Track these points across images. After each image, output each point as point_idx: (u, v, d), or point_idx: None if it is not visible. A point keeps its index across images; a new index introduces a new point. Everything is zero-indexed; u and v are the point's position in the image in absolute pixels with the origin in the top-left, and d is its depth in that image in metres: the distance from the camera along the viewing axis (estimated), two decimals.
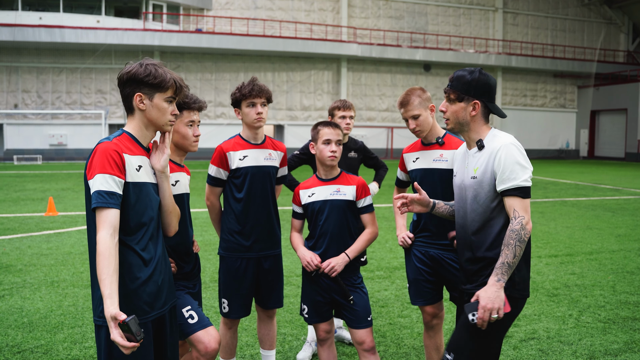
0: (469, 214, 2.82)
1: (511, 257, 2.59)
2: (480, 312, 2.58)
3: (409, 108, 3.53)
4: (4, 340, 4.76)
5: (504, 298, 2.59)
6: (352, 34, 37.87)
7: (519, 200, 2.64)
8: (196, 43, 33.20)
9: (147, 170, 2.56)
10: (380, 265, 7.55)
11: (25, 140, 33.06)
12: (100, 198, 2.32)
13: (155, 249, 2.57)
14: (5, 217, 11.31)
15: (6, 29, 30.42)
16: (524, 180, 2.65)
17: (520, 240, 2.59)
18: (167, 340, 2.68)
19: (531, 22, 42.57)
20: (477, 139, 2.82)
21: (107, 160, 2.37)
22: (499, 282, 2.59)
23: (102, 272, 2.23)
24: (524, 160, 2.68)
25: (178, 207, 3.11)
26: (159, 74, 2.50)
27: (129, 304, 2.45)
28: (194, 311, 3.08)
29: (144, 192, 2.52)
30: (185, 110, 3.13)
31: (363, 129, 38.14)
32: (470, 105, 2.79)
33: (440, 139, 3.58)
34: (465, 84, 2.77)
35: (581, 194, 16.77)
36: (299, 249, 3.56)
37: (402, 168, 3.84)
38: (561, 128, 43.30)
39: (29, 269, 7.15)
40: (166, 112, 2.55)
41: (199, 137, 3.20)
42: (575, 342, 4.78)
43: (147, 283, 2.50)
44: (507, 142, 2.71)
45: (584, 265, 7.59)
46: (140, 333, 2.15)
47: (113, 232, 2.31)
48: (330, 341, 3.61)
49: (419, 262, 3.65)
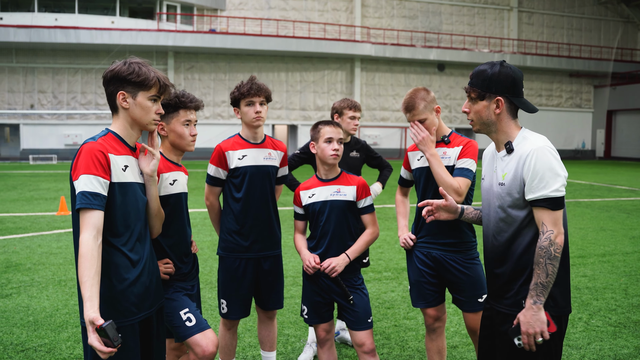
0: (497, 222, 2.58)
1: (544, 276, 2.37)
2: (524, 338, 2.44)
3: (414, 113, 3.45)
4: (9, 339, 4.77)
5: (546, 319, 2.41)
6: (366, 34, 37.78)
7: (548, 212, 2.39)
8: (210, 43, 33.32)
9: (133, 170, 2.53)
10: (389, 266, 7.48)
11: (41, 140, 33.40)
12: (84, 199, 2.29)
13: (142, 250, 2.54)
14: (17, 217, 11.40)
15: (23, 30, 30.76)
16: (555, 190, 2.38)
17: (551, 257, 2.36)
18: (154, 341, 2.66)
19: (546, 21, 42.17)
20: (505, 141, 2.55)
21: (91, 160, 2.34)
22: (536, 304, 2.39)
23: (83, 275, 2.20)
24: (558, 167, 2.41)
25: (177, 207, 3.09)
26: (142, 72, 2.47)
27: (116, 305, 2.43)
28: (191, 314, 3.05)
29: (130, 192, 2.49)
30: (181, 110, 3.11)
31: (376, 129, 38.03)
32: (493, 102, 2.53)
33: (447, 138, 3.52)
34: (485, 79, 2.52)
35: (596, 194, 16.55)
36: (301, 252, 3.53)
37: (406, 166, 3.78)
38: (577, 128, 42.84)
39: (38, 268, 7.18)
40: (150, 110, 2.53)
41: (196, 136, 3.18)
42: (584, 347, 4.68)
43: (134, 284, 2.48)
44: (539, 145, 2.44)
45: (595, 267, 7.47)
46: (117, 338, 2.12)
47: (96, 234, 2.28)
48: (330, 342, 3.56)
49: (421, 263, 3.60)
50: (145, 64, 2.52)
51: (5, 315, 5.37)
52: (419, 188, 3.65)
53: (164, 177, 3.06)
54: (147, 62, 2.54)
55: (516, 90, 2.54)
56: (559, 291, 2.50)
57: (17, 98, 33.76)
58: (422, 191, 3.60)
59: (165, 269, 3.04)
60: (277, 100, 36.48)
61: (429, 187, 3.55)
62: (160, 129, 3.13)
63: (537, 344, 2.43)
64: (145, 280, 2.53)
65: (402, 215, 3.85)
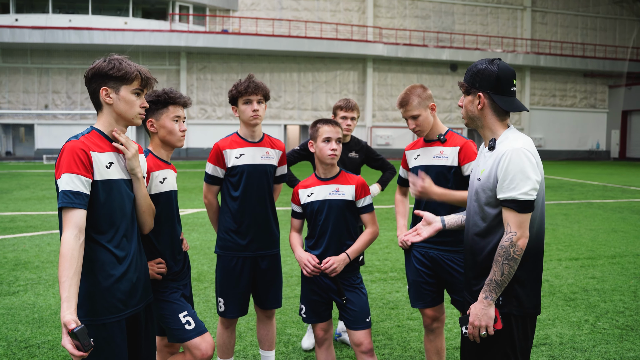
0: (473, 215, 2.63)
1: (499, 274, 2.41)
2: (469, 328, 2.52)
3: (408, 108, 3.49)
4: (13, 335, 4.80)
5: (494, 315, 2.47)
6: (378, 34, 37.71)
7: (514, 214, 2.40)
8: (222, 44, 33.47)
9: (118, 167, 2.53)
10: (395, 266, 7.44)
11: (55, 140, 33.72)
12: (65, 198, 2.30)
13: (129, 246, 2.54)
14: (28, 215, 11.51)
15: (37, 31, 31.09)
16: (523, 192, 2.39)
17: (509, 257, 2.39)
18: (142, 338, 2.66)
19: (560, 20, 41.84)
20: (490, 137, 2.59)
21: (73, 159, 2.35)
22: (487, 299, 2.46)
23: (62, 275, 2.20)
24: (530, 170, 2.40)
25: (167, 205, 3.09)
26: (123, 67, 2.48)
27: (102, 301, 2.43)
28: (190, 317, 3.07)
29: (115, 189, 2.49)
30: (171, 106, 3.11)
31: (389, 129, 37.96)
32: (476, 98, 2.57)
33: (442, 136, 3.53)
34: (472, 75, 2.56)
35: (609, 195, 16.37)
36: (296, 250, 3.51)
37: (404, 166, 3.78)
38: (591, 128, 42.46)
39: (46, 266, 7.23)
40: (134, 104, 2.53)
41: (185, 132, 3.18)
42: (589, 349, 4.62)
43: (120, 281, 2.48)
44: (516, 146, 2.44)
45: (605, 269, 7.37)
46: (88, 344, 2.12)
47: (78, 233, 2.28)
48: (328, 342, 3.54)
49: (419, 263, 3.57)
50: (124, 59, 2.52)
51: (11, 312, 5.41)
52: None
53: (154, 176, 3.06)
54: (127, 57, 2.55)
55: (499, 87, 2.55)
56: (524, 292, 2.52)
57: (32, 98, 34.12)
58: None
59: (158, 269, 3.04)
60: (289, 100, 36.53)
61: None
62: (150, 126, 3.13)
63: (482, 337, 2.51)
64: (132, 277, 2.54)
65: (401, 215, 3.84)
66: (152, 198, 2.94)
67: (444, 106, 39.27)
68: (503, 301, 2.51)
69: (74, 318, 2.14)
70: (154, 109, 3.09)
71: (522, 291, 2.52)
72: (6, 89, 33.92)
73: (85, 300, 2.42)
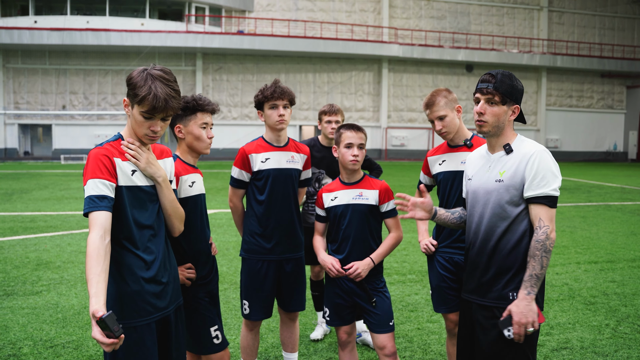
0: (490, 218, 2.71)
1: (539, 268, 2.53)
2: (515, 328, 2.55)
3: (434, 109, 3.47)
4: (38, 335, 4.89)
5: (537, 310, 2.55)
6: (394, 35, 37.65)
7: (546, 209, 2.58)
8: (238, 45, 33.59)
9: (141, 174, 2.56)
10: (413, 268, 7.45)
11: (72, 140, 34.10)
12: (91, 203, 2.34)
13: (157, 250, 2.58)
14: (49, 215, 11.66)
15: (56, 33, 31.43)
16: (554, 189, 2.58)
17: (546, 250, 2.53)
18: (172, 341, 2.69)
19: (577, 20, 41.48)
20: (504, 143, 2.74)
21: (96, 165, 2.40)
22: (529, 295, 2.54)
23: (89, 273, 2.22)
24: (556, 169, 2.62)
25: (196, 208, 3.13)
26: (139, 85, 2.42)
27: (131, 304, 2.48)
28: (219, 331, 3.17)
29: (140, 195, 2.53)
30: (199, 112, 3.14)
31: (404, 130, 37.87)
32: (511, 109, 2.72)
33: (469, 141, 3.50)
34: (509, 87, 2.68)
35: (627, 198, 16.22)
36: (319, 254, 3.54)
37: (425, 172, 3.76)
38: (608, 130, 42.05)
39: (67, 266, 7.34)
40: (142, 125, 2.50)
41: (212, 139, 3.22)
42: (611, 354, 4.60)
43: (149, 284, 2.52)
44: (540, 148, 2.65)
45: (625, 272, 7.32)
46: (118, 329, 2.11)
47: (103, 234, 2.30)
48: (351, 345, 3.57)
49: (443, 268, 3.59)
50: (159, 76, 2.45)
51: (36, 311, 5.50)
52: (440, 192, 3.63)
53: (183, 180, 3.10)
54: (162, 74, 2.46)
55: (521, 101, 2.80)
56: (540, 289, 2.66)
57: (50, 99, 34.51)
58: (444, 196, 3.59)
59: (188, 275, 3.09)
60: (304, 101, 36.58)
61: (451, 192, 3.53)
62: (178, 132, 3.17)
63: (527, 334, 2.56)
64: (161, 280, 2.57)
65: (422, 221, 3.81)
66: (181, 202, 2.97)
67: None
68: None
69: (101, 307, 2.14)
70: (182, 115, 3.13)
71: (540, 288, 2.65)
72: (25, 90, 34.34)
73: (114, 304, 2.47)
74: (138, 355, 2.48)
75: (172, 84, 2.48)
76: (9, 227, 10.20)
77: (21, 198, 14.46)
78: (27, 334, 4.91)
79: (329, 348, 4.76)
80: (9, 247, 8.41)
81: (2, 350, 4.53)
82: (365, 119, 37.42)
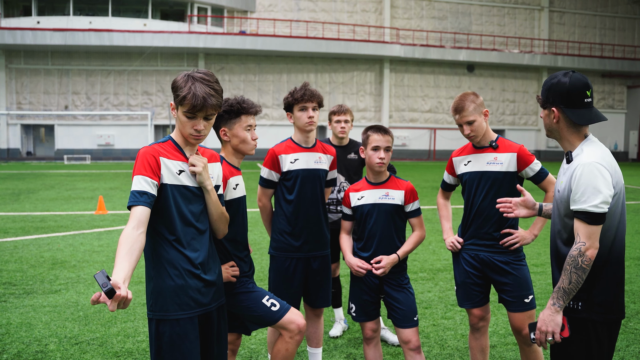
0: (557, 223, 2.72)
1: (566, 282, 2.51)
2: (537, 334, 2.62)
3: (464, 114, 3.52)
4: (63, 332, 4.99)
5: (561, 322, 2.56)
6: (395, 35, 37.76)
7: (584, 225, 2.49)
8: (240, 45, 33.70)
9: (188, 175, 2.67)
10: (424, 267, 7.57)
11: (75, 141, 34.20)
12: (132, 197, 2.47)
13: (200, 247, 2.68)
14: (58, 215, 11.76)
15: (58, 33, 31.53)
16: (594, 205, 2.46)
17: (577, 267, 2.48)
18: (214, 338, 2.80)
19: (578, 20, 41.61)
20: (567, 149, 2.69)
21: (142, 163, 2.53)
22: (554, 306, 2.56)
23: (116, 257, 2.29)
24: (601, 184, 2.48)
25: (239, 209, 3.25)
26: (180, 87, 2.57)
27: (174, 298, 2.60)
28: (273, 299, 3.22)
29: (186, 193, 2.64)
30: (243, 115, 3.23)
31: (406, 130, 37.98)
32: (550, 112, 2.66)
33: (494, 142, 3.58)
34: (546, 89, 2.66)
35: (629, 197, 16.34)
36: (346, 255, 3.65)
37: (450, 172, 3.84)
38: (609, 129, 42.17)
39: (82, 265, 7.44)
40: (186, 125, 2.62)
41: (257, 140, 3.32)
42: (623, 349, 4.71)
43: (191, 279, 2.63)
44: (589, 160, 2.52)
45: (632, 270, 7.43)
46: (106, 284, 2.03)
47: (137, 225, 2.40)
48: (376, 340, 3.68)
49: (468, 265, 3.67)
50: (199, 77, 2.58)
51: (57, 309, 5.60)
52: (466, 192, 3.71)
53: (230, 183, 3.19)
54: (203, 76, 2.59)
55: (571, 101, 2.61)
56: (601, 298, 2.58)
57: (52, 99, 34.60)
58: (470, 195, 3.67)
59: (232, 272, 3.19)
60: None
61: (477, 192, 3.61)
62: (223, 135, 3.27)
63: (549, 343, 2.60)
64: (204, 277, 2.67)
65: (446, 219, 3.92)
66: (227, 204, 3.10)
67: None
68: (582, 306, 2.59)
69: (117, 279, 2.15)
70: (226, 118, 3.22)
71: (598, 297, 2.58)
72: (27, 90, 34.43)
73: (157, 297, 2.59)
74: (181, 348, 2.58)
75: (212, 84, 2.60)
76: (20, 226, 10.30)
77: (29, 198, 14.56)
78: (51, 331, 5.01)
79: (348, 344, 4.87)
80: (22, 247, 8.51)
81: (30, 347, 4.64)
82: (366, 119, 37.53)
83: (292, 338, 3.21)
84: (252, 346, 4.76)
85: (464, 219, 3.74)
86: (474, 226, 3.64)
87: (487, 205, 3.55)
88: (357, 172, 4.78)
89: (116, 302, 2.07)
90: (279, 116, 35.78)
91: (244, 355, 4.57)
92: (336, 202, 4.66)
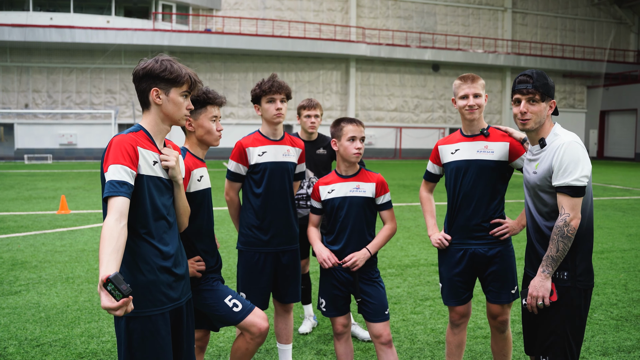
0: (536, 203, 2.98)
1: (554, 251, 2.79)
2: (528, 299, 2.90)
3: (475, 84, 3.44)
4: (23, 334, 4.83)
5: (549, 287, 2.84)
6: (361, 34, 37.90)
7: (567, 198, 2.78)
8: (205, 43, 33.32)
9: (161, 166, 2.61)
10: (392, 263, 7.59)
11: (36, 140, 33.31)
12: (111, 187, 2.35)
13: (171, 242, 2.62)
14: (18, 215, 11.43)
15: (17, 29, 30.66)
16: (575, 179, 2.76)
17: (563, 236, 2.77)
18: (184, 332, 2.74)
19: (540, 22, 42.44)
20: (540, 137, 2.96)
21: (120, 152, 2.42)
22: (544, 273, 2.84)
23: (100, 253, 2.19)
24: (582, 159, 2.79)
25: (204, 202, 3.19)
26: (175, 69, 2.57)
27: (147, 294, 2.52)
28: (236, 299, 3.18)
29: (158, 186, 2.57)
30: (209, 106, 3.18)
31: (371, 129, 38.13)
32: (549, 105, 2.95)
33: (486, 130, 3.51)
34: (546, 84, 2.91)
35: None
36: (315, 244, 3.60)
37: (435, 161, 3.71)
38: (570, 128, 41.69)
39: (44, 266, 7.23)
40: (182, 106, 2.63)
41: (221, 131, 3.26)
42: (589, 339, 4.80)
43: (163, 274, 2.56)
44: (569, 139, 2.85)
45: (595, 264, 7.59)
46: (126, 287, 2.05)
47: (119, 217, 2.29)
48: (347, 335, 3.65)
49: (456, 261, 3.58)
50: (175, 61, 2.61)
51: (17, 311, 5.43)
52: (452, 181, 3.58)
53: (194, 174, 3.13)
54: (176, 59, 2.62)
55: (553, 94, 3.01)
56: (582, 268, 2.88)
57: (12, 97, 33.66)
58: (456, 183, 3.55)
59: (198, 267, 3.13)
60: None
61: (464, 181, 3.51)
62: (188, 125, 3.20)
63: (539, 307, 2.89)
64: (175, 271, 2.61)
65: (430, 214, 3.79)
66: (190, 196, 3.03)
67: (425, 106, 39.59)
68: (567, 276, 2.87)
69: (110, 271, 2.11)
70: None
71: (580, 267, 2.88)
72: None
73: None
74: (153, 345, 2.51)
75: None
76: None
77: None
78: (10, 333, 4.85)
79: (318, 340, 4.83)
80: None
81: None
82: (333, 117, 37.56)
83: (252, 340, 3.21)
84: (220, 344, 4.69)
85: (449, 211, 3.63)
86: (461, 217, 3.54)
87: (475, 193, 3.47)
88: (326, 167, 4.74)
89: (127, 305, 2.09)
90: (245, 115, 35.55)
91: (212, 354, 4.49)
92: (306, 197, 4.61)
